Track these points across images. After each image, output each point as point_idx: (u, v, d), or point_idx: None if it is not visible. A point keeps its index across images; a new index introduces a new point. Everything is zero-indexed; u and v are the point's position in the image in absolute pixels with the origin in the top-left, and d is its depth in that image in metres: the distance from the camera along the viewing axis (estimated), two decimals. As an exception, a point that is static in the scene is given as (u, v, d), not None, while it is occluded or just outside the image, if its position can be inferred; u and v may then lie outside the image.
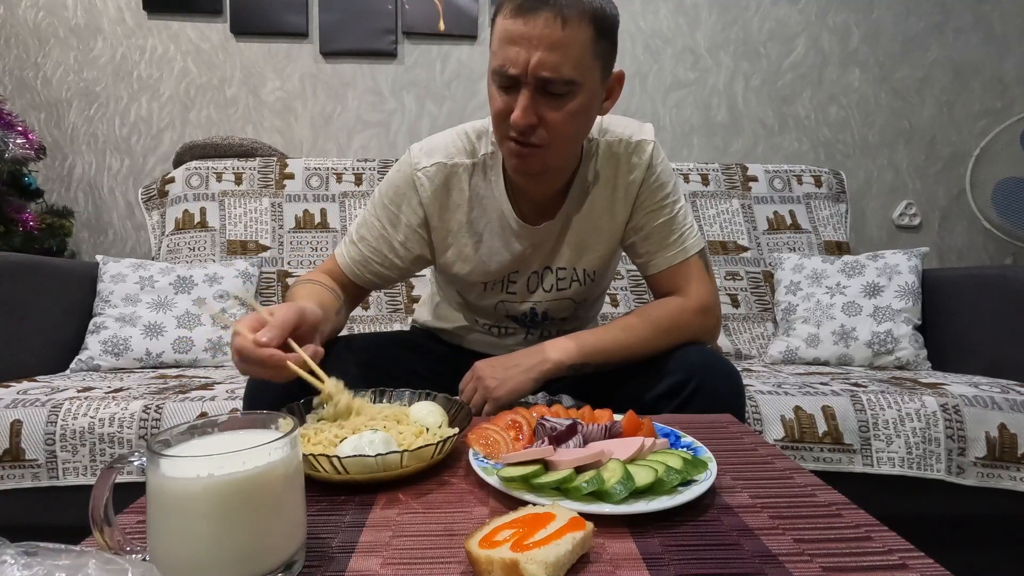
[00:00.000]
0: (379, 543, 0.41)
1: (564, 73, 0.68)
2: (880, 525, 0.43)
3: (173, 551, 0.34)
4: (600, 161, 0.86)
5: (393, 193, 0.87)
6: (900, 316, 1.42)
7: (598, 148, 0.86)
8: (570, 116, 0.72)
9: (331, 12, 1.89)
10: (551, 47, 0.67)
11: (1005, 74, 2.01)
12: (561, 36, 0.67)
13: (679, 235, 0.87)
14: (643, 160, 0.85)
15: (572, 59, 0.68)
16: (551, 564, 0.35)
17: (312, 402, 0.64)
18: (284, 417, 0.40)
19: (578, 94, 0.71)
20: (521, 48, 0.68)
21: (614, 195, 0.87)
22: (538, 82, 0.69)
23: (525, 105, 0.70)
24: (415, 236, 0.87)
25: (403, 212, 0.86)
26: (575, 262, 0.90)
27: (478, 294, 0.93)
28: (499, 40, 0.70)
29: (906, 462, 1.01)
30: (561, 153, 0.77)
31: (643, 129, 0.87)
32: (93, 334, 1.40)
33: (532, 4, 0.67)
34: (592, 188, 0.86)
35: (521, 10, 0.67)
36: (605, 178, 0.86)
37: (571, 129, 0.74)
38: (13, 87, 1.90)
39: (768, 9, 1.98)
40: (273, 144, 1.91)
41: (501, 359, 0.84)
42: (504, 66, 0.69)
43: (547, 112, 0.71)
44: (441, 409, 0.62)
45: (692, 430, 0.62)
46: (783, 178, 1.80)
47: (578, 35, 0.68)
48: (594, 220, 0.87)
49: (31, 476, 0.99)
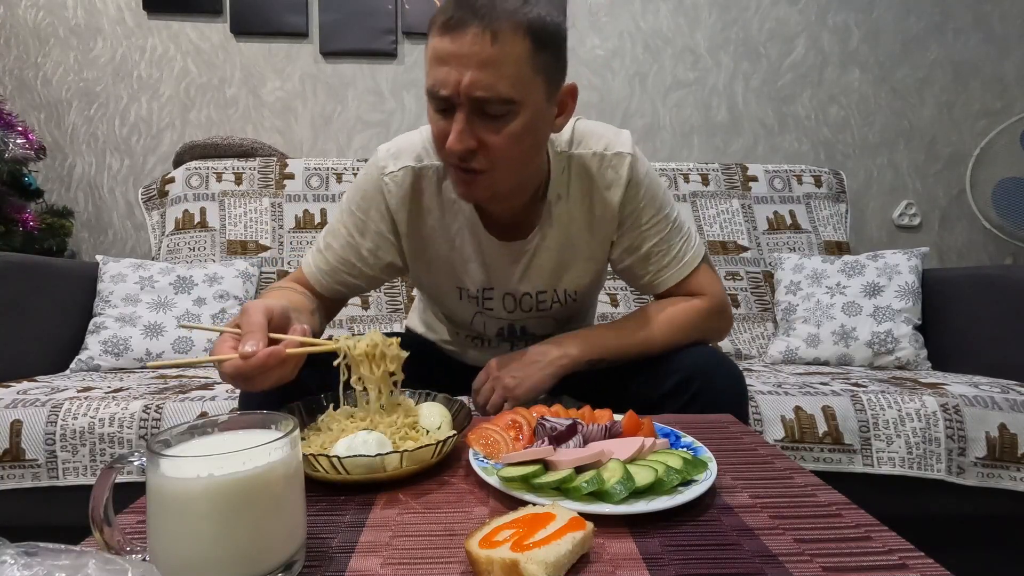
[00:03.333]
0: (379, 543, 0.41)
1: (500, 92, 0.63)
2: (880, 525, 0.43)
3: (173, 551, 0.34)
4: (573, 176, 0.80)
5: (360, 199, 0.83)
6: (900, 316, 1.42)
7: (570, 162, 0.80)
8: (512, 138, 0.66)
9: (331, 12, 1.89)
10: (482, 65, 0.62)
11: (1005, 74, 2.01)
12: (492, 53, 0.62)
13: (679, 249, 0.83)
14: (621, 176, 0.79)
15: (507, 76, 0.63)
16: (551, 564, 0.35)
17: (309, 403, 0.64)
18: (284, 417, 0.40)
19: (519, 114, 0.65)
20: (451, 68, 0.63)
21: (591, 212, 0.81)
22: (472, 103, 0.64)
23: (460, 129, 0.64)
24: (385, 243, 0.83)
25: (371, 218, 0.82)
26: (554, 283, 0.86)
27: (454, 304, 0.90)
28: (430, 59, 0.65)
29: (906, 462, 1.01)
30: (508, 177, 0.71)
31: (619, 139, 0.81)
32: (93, 334, 1.40)
33: (459, 19, 0.61)
34: (566, 205, 0.81)
35: (448, 26, 0.62)
36: (579, 194, 0.81)
37: (515, 152, 0.68)
38: (13, 87, 1.90)
39: (768, 9, 1.98)
40: (273, 144, 1.91)
41: (516, 356, 0.81)
42: (435, 87, 0.64)
43: (486, 135, 0.66)
44: (444, 409, 0.62)
45: (692, 430, 0.62)
46: (783, 178, 1.80)
47: (512, 50, 0.62)
48: (572, 239, 0.83)
49: (31, 476, 0.99)
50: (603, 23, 1.97)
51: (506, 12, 0.62)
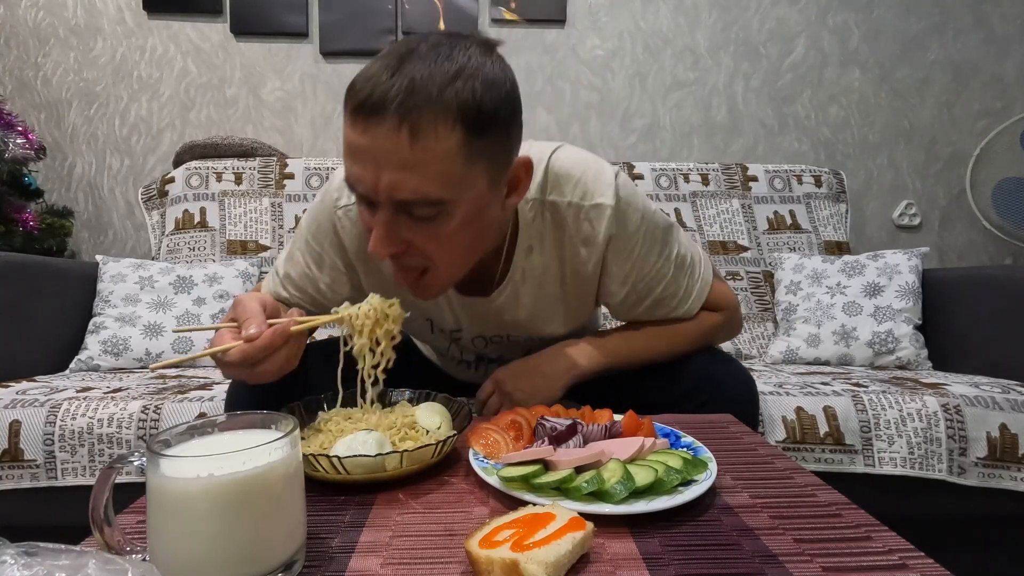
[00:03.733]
0: (379, 543, 0.41)
1: (425, 195, 0.53)
2: (880, 525, 0.43)
3: (173, 551, 0.34)
4: (547, 224, 0.70)
5: (316, 229, 0.76)
6: (900, 316, 1.42)
7: (542, 208, 0.69)
8: (447, 238, 0.57)
9: (331, 12, 1.89)
10: (401, 167, 0.52)
11: (1005, 74, 2.01)
12: (411, 154, 0.51)
13: (688, 283, 0.77)
14: (598, 231, 0.68)
15: (433, 177, 0.53)
16: (551, 564, 0.34)
17: (309, 403, 0.64)
18: (284, 417, 0.40)
19: (453, 212, 0.56)
20: (366, 165, 0.53)
21: (568, 265, 0.72)
22: (395, 205, 0.55)
23: (382, 235, 0.56)
24: (340, 278, 0.76)
25: (326, 252, 0.75)
26: (530, 332, 0.79)
27: (426, 335, 0.86)
28: (344, 147, 0.55)
29: (908, 462, 1.01)
30: (454, 271, 0.63)
31: (599, 184, 0.68)
32: (93, 334, 1.40)
33: (372, 107, 0.51)
34: (540, 256, 0.72)
35: (359, 114, 0.52)
36: (553, 244, 0.71)
37: (454, 250, 0.60)
38: (13, 87, 1.90)
39: (768, 9, 1.98)
40: (273, 144, 1.91)
41: (522, 366, 0.76)
42: (351, 182, 0.56)
43: (415, 237, 0.57)
44: (444, 409, 0.62)
45: (692, 430, 0.62)
46: (783, 178, 1.80)
47: (437, 147, 0.52)
48: (547, 291, 0.74)
49: (30, 476, 0.99)
50: (603, 23, 1.97)
51: (428, 99, 0.51)
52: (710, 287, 0.79)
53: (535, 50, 1.96)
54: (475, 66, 0.53)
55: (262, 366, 0.53)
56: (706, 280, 0.78)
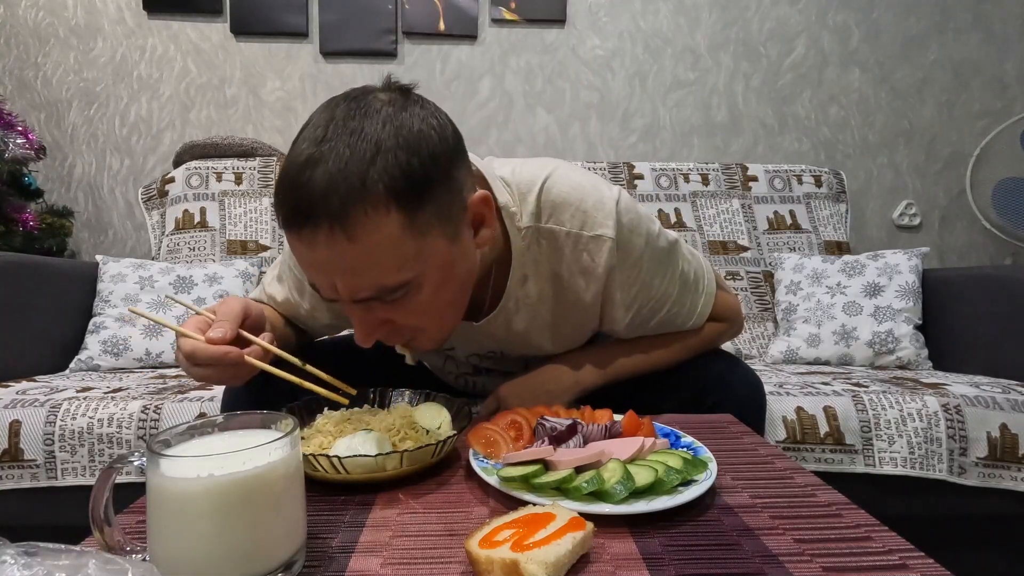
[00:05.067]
0: (379, 543, 0.41)
1: (386, 285, 0.52)
2: (880, 525, 0.43)
3: (173, 551, 0.34)
4: (540, 251, 0.67)
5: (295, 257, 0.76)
6: (901, 316, 1.42)
7: (538, 236, 0.66)
8: (426, 305, 0.55)
9: (331, 12, 1.89)
10: (351, 270, 0.50)
11: (1005, 74, 2.01)
12: (355, 254, 0.49)
13: (693, 296, 0.75)
14: (598, 263, 0.65)
15: (387, 267, 0.51)
16: (551, 564, 0.34)
17: (309, 403, 0.64)
18: (284, 417, 0.40)
19: (422, 284, 0.53)
20: (318, 273, 0.52)
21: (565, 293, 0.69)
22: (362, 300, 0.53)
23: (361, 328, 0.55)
24: (320, 306, 0.75)
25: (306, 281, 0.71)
26: (524, 351, 0.77)
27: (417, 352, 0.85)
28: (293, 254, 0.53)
29: (908, 462, 1.01)
30: (444, 326, 0.62)
31: (600, 214, 0.64)
32: (93, 334, 1.40)
33: (300, 219, 0.48)
34: (536, 284, 0.69)
35: (291, 225, 0.49)
36: (549, 272, 0.68)
37: (438, 310, 0.58)
38: (13, 87, 1.89)
39: (768, 9, 1.98)
40: (273, 144, 1.91)
41: (526, 383, 0.74)
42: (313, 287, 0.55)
43: (395, 315, 0.56)
44: (444, 410, 0.62)
45: (692, 430, 0.62)
46: (783, 178, 1.80)
47: (379, 237, 0.48)
48: (542, 317, 0.71)
49: (30, 476, 0.99)
50: (603, 23, 1.97)
51: (352, 192, 0.47)
52: (715, 298, 0.77)
53: (535, 50, 1.96)
54: (391, 132, 0.49)
55: (202, 371, 0.54)
56: (710, 292, 0.77)
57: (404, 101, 0.53)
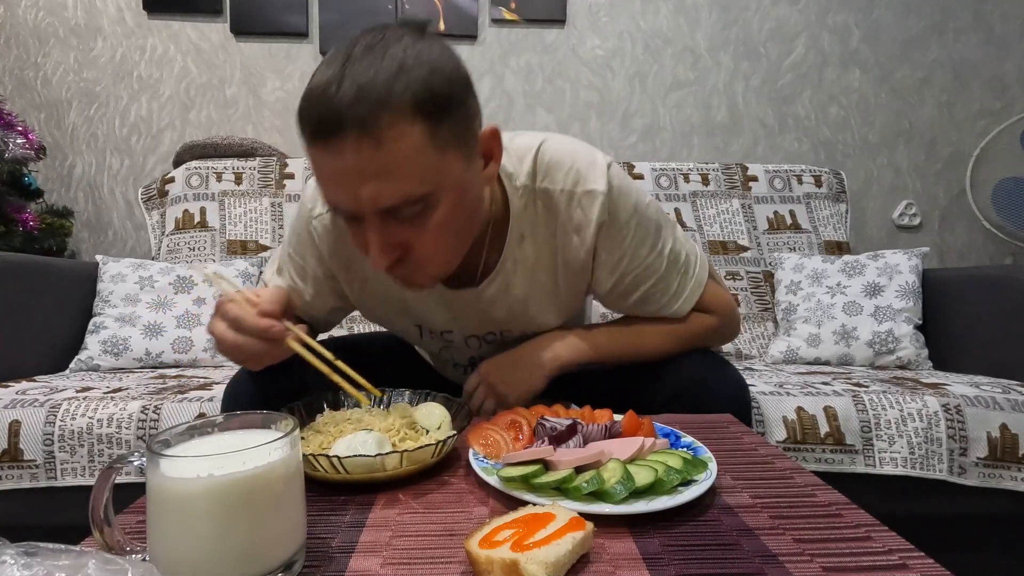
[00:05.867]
0: (379, 543, 0.41)
1: (407, 195, 0.54)
2: (880, 525, 0.43)
3: (173, 551, 0.34)
4: (537, 212, 0.69)
5: (296, 242, 0.76)
6: (901, 316, 1.42)
7: (534, 196, 0.69)
8: (438, 230, 0.58)
9: (331, 12, 1.89)
10: (376, 176, 0.52)
11: (1005, 74, 2.01)
12: (381, 160, 0.51)
13: (680, 281, 0.75)
14: (591, 219, 0.68)
15: (410, 176, 0.53)
16: (551, 564, 0.34)
17: (309, 403, 0.64)
18: (284, 417, 0.40)
19: (438, 203, 0.56)
20: (341, 184, 0.54)
21: (560, 253, 0.71)
22: (381, 214, 0.55)
23: (377, 247, 0.56)
24: (324, 288, 0.76)
25: (308, 264, 0.75)
26: (523, 325, 0.78)
27: (416, 339, 0.85)
28: (314, 171, 0.56)
29: (908, 462, 1.01)
30: (452, 258, 0.64)
31: (592, 172, 0.68)
32: (93, 334, 1.40)
33: (328, 128, 0.51)
34: (533, 245, 0.71)
35: (318, 136, 0.52)
36: (545, 233, 0.70)
37: (447, 237, 0.60)
38: (13, 87, 1.89)
39: (768, 9, 1.98)
40: (273, 144, 1.91)
41: (507, 358, 0.76)
42: (334, 204, 0.57)
43: (408, 236, 0.57)
44: (444, 409, 0.62)
45: (692, 430, 0.62)
46: (783, 178, 1.80)
47: (404, 146, 0.51)
48: (539, 281, 0.73)
49: (29, 476, 0.99)
50: (603, 23, 1.97)
51: (380, 101, 0.50)
52: (703, 288, 0.77)
53: (535, 50, 1.96)
54: (414, 55, 0.52)
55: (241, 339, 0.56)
56: (700, 280, 0.77)
57: (422, 35, 0.56)
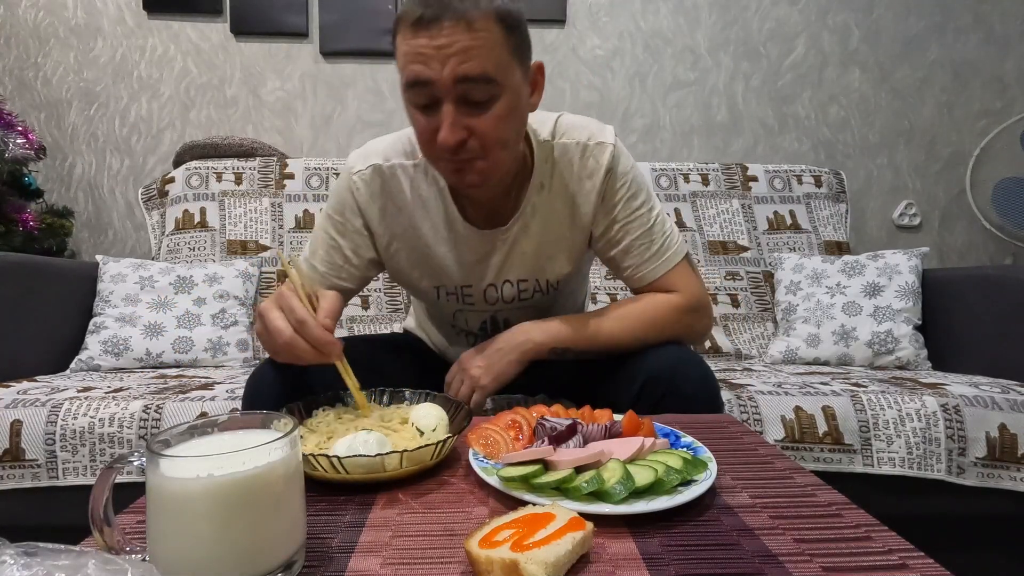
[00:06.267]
0: (379, 543, 0.41)
1: (485, 73, 0.65)
2: (880, 525, 0.43)
3: (173, 551, 0.34)
4: (555, 165, 0.82)
5: (336, 202, 0.85)
6: (900, 316, 1.42)
7: (552, 152, 0.82)
8: (499, 120, 0.68)
9: (331, 12, 1.89)
10: (463, 52, 0.64)
11: (1005, 74, 2.01)
12: (471, 40, 0.64)
13: (661, 244, 0.83)
14: (601, 164, 0.81)
15: (488, 59, 0.65)
16: (551, 564, 0.34)
17: (309, 403, 0.64)
18: (284, 417, 0.40)
19: (502, 95, 0.68)
20: (433, 61, 0.64)
21: (573, 201, 0.83)
22: (459, 91, 0.65)
23: (452, 120, 0.66)
24: (362, 240, 0.85)
25: (347, 219, 0.84)
26: (535, 273, 0.87)
27: (433, 301, 0.91)
28: (407, 59, 0.66)
29: (906, 462, 1.01)
30: (499, 161, 0.73)
31: (603, 131, 0.82)
32: (93, 334, 1.40)
33: (432, 15, 0.63)
34: (548, 195, 0.82)
35: (421, 24, 0.64)
36: (561, 184, 0.82)
37: (503, 133, 0.70)
38: (13, 87, 1.90)
39: (768, 9, 1.98)
40: (273, 144, 1.91)
41: (483, 346, 0.82)
42: (418, 81, 0.66)
43: (474, 122, 0.68)
44: (441, 410, 0.62)
45: (692, 430, 0.62)
46: (783, 178, 1.80)
47: (488, 35, 0.65)
48: (553, 229, 0.84)
49: (31, 476, 0.99)
50: (603, 23, 1.97)
51: (474, 3, 0.64)
52: (680, 260, 0.84)
53: (535, 50, 1.94)
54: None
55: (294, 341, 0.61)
56: (678, 253, 0.84)
57: None
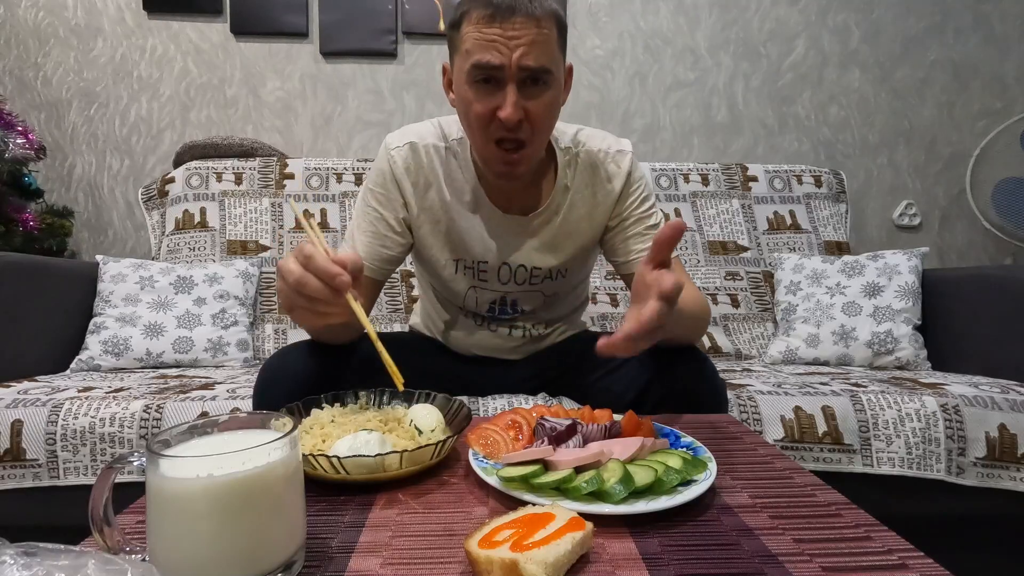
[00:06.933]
0: (379, 543, 0.41)
1: (545, 63, 0.74)
2: (880, 525, 0.43)
3: (173, 551, 0.34)
4: (580, 169, 0.91)
5: (376, 176, 0.91)
6: (900, 316, 1.42)
7: (576, 158, 0.91)
8: (548, 107, 0.78)
9: (331, 12, 1.89)
10: (531, 43, 0.73)
11: (1005, 74, 2.01)
12: (537, 34, 0.74)
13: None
14: (622, 169, 0.90)
15: (547, 52, 0.75)
16: (551, 564, 0.35)
17: (309, 403, 0.64)
18: (283, 417, 0.40)
19: (552, 85, 0.77)
20: (502, 47, 0.73)
21: (594, 201, 0.91)
22: (522, 74, 0.74)
23: (514, 100, 0.74)
24: (402, 210, 0.91)
25: (387, 190, 0.90)
26: (549, 261, 0.93)
27: (449, 276, 0.95)
28: (476, 44, 0.74)
29: (906, 462, 1.01)
30: (537, 148, 0.82)
31: (620, 141, 0.93)
32: (93, 334, 1.40)
33: (506, 9, 0.72)
34: (572, 195, 0.91)
35: (495, 17, 0.73)
36: (584, 185, 0.91)
37: (549, 120, 0.80)
38: (13, 87, 1.90)
39: (768, 9, 1.98)
40: (273, 144, 1.91)
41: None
42: (488, 63, 0.73)
43: (529, 105, 0.76)
44: (438, 411, 0.62)
45: (692, 430, 0.62)
46: (783, 178, 1.80)
47: (549, 32, 0.75)
48: (572, 225, 0.92)
49: (32, 476, 0.99)
50: (603, 23, 1.97)
51: (539, 4, 0.74)
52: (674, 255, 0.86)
53: (535, 50, 1.96)
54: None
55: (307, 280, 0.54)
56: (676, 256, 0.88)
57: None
